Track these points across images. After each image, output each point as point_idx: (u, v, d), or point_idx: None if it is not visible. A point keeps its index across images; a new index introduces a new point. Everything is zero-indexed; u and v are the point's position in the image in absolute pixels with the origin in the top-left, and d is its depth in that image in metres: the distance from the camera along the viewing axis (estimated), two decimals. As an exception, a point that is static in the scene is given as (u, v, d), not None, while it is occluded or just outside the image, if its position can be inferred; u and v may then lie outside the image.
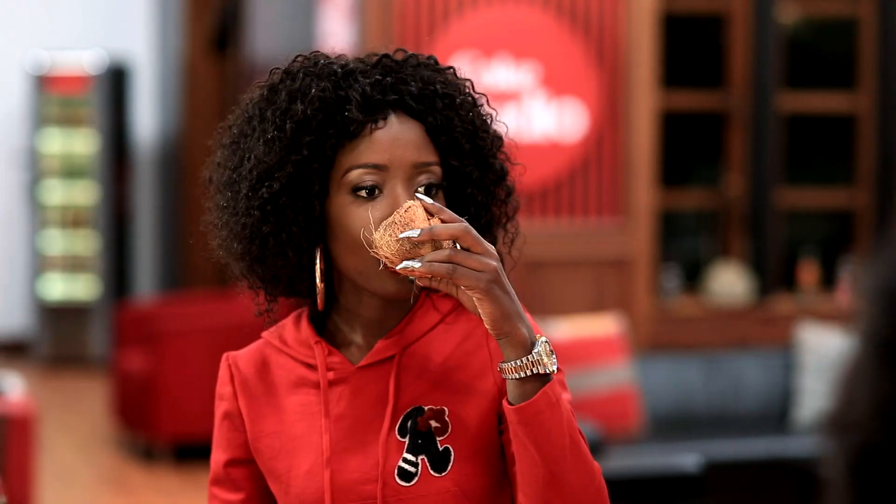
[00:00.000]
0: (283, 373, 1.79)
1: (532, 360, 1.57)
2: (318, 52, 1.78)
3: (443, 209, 1.60)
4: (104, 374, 9.38)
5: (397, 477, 1.70)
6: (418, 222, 1.58)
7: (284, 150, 1.69)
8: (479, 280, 1.55)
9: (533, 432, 1.58)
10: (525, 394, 1.59)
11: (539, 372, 1.57)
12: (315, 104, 1.69)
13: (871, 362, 0.72)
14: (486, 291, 1.55)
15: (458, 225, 1.57)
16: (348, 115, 1.68)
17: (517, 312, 1.58)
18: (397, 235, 1.58)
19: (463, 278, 1.55)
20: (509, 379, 1.59)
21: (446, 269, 1.55)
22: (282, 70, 1.75)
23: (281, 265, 1.73)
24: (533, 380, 1.58)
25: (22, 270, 10.62)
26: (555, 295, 6.10)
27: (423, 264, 1.56)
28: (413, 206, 1.59)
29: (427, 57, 1.79)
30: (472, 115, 1.75)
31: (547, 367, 1.58)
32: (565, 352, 5.31)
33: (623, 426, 5.45)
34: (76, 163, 10.33)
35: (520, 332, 1.57)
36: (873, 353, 0.72)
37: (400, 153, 1.69)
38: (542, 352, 1.58)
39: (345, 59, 1.77)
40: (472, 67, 5.97)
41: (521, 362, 1.57)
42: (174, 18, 10.21)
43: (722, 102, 6.79)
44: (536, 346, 1.58)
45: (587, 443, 1.66)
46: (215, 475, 1.81)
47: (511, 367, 1.58)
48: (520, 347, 1.58)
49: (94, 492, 6.81)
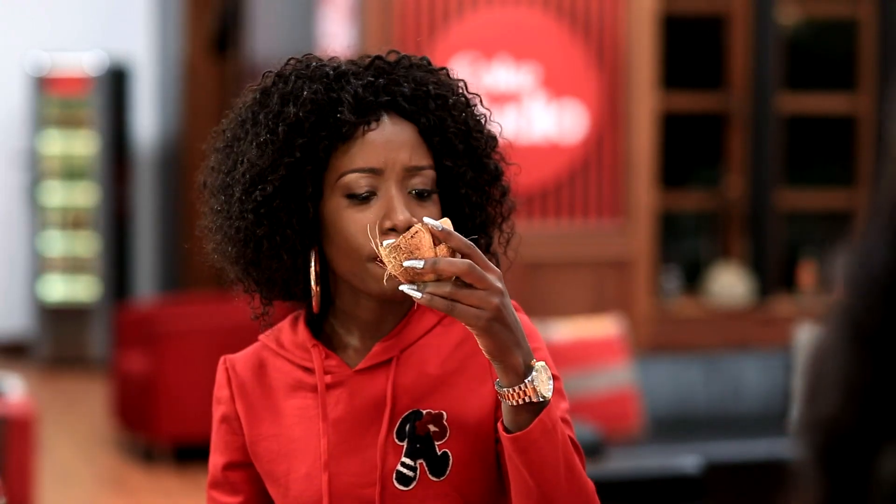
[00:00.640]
0: (281, 376, 1.79)
1: (525, 389, 1.56)
2: (311, 54, 1.78)
3: (450, 234, 1.55)
4: (104, 375, 9.38)
5: (395, 481, 1.70)
6: (424, 250, 1.55)
7: (277, 153, 1.68)
8: (479, 319, 1.53)
9: (527, 460, 1.58)
10: (519, 420, 1.58)
11: (533, 400, 1.56)
12: (307, 106, 1.69)
13: (843, 347, 0.71)
14: (485, 329, 1.54)
15: (463, 263, 1.53)
16: (340, 117, 1.68)
17: (515, 342, 1.56)
18: (401, 262, 1.55)
19: (462, 316, 1.53)
20: (504, 402, 1.59)
21: (445, 306, 1.53)
22: (274, 73, 1.75)
23: (276, 268, 1.72)
24: (528, 406, 1.57)
25: (22, 271, 10.62)
26: (555, 296, 6.10)
27: (424, 296, 1.54)
28: (420, 232, 1.55)
29: (420, 58, 1.78)
30: (465, 115, 1.74)
31: (541, 395, 1.56)
32: (565, 353, 5.30)
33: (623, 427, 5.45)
34: (76, 164, 10.33)
35: (515, 361, 1.56)
36: (847, 337, 0.71)
37: (393, 156, 1.69)
38: (536, 379, 1.56)
39: (337, 61, 1.77)
40: (472, 69, 5.97)
41: (515, 390, 1.56)
42: (174, 20, 10.21)
43: (722, 103, 6.79)
44: (531, 373, 1.56)
45: (583, 456, 1.66)
46: (213, 478, 1.81)
47: (506, 392, 1.57)
48: (513, 375, 1.56)
49: (94, 493, 6.81)
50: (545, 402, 1.57)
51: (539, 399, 1.56)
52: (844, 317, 0.72)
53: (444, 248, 1.55)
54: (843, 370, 0.71)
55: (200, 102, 9.87)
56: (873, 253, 0.72)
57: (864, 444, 0.70)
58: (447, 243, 1.55)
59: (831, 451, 0.72)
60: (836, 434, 0.72)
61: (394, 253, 1.55)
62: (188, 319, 7.12)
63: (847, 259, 0.74)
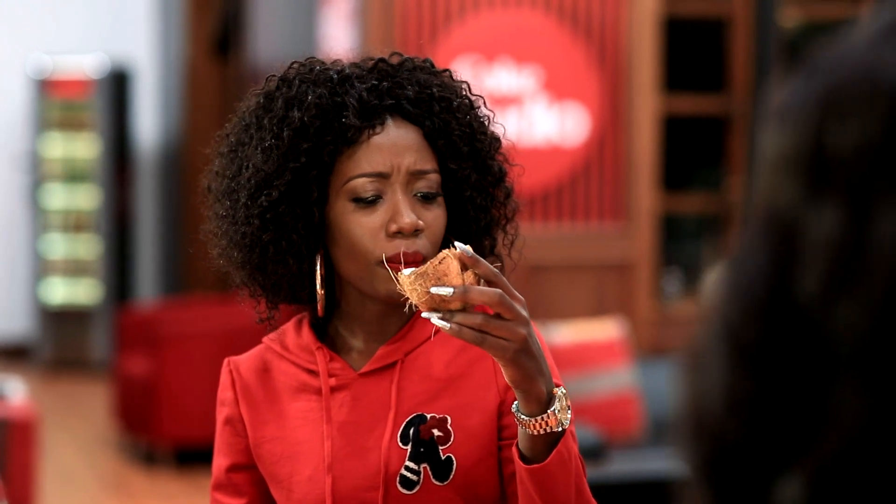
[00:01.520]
0: (285, 378, 1.79)
1: (547, 420, 1.56)
2: (314, 58, 1.78)
3: (478, 261, 1.53)
4: (106, 377, 9.38)
5: (399, 484, 1.70)
6: (452, 277, 1.52)
7: (282, 158, 1.68)
8: (507, 350, 1.53)
9: (541, 489, 1.58)
10: (536, 448, 1.58)
11: (554, 430, 1.57)
12: (312, 111, 1.69)
13: (723, 359, 0.70)
14: (512, 360, 1.53)
15: (494, 292, 1.51)
16: (345, 122, 1.68)
17: (539, 370, 1.55)
18: (428, 287, 1.52)
19: (492, 348, 1.53)
20: (521, 428, 1.58)
21: (475, 338, 1.52)
22: (278, 77, 1.75)
23: (282, 273, 1.72)
24: (547, 434, 1.57)
25: (23, 274, 10.62)
26: (556, 299, 6.10)
27: (453, 326, 1.52)
28: (448, 258, 1.53)
29: (423, 60, 1.78)
30: (469, 117, 1.74)
31: (562, 425, 1.57)
32: (566, 356, 5.30)
33: (624, 430, 5.45)
34: (78, 167, 10.33)
35: (538, 390, 1.55)
36: (726, 350, 0.70)
37: (399, 160, 1.69)
38: (558, 409, 1.56)
39: (341, 64, 1.77)
40: (474, 71, 5.97)
41: (537, 420, 1.56)
42: (176, 22, 10.21)
43: (723, 106, 6.79)
44: (553, 402, 1.56)
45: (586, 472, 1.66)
46: (217, 480, 1.81)
47: (527, 421, 1.57)
48: (535, 405, 1.56)
49: (96, 495, 6.81)
50: (563, 432, 1.58)
51: (559, 429, 1.57)
52: (722, 327, 0.70)
53: (471, 274, 1.53)
54: (724, 382, 0.69)
55: (202, 105, 9.87)
56: (749, 260, 0.70)
57: (753, 462, 0.69)
58: (475, 270, 1.53)
59: (717, 465, 0.70)
60: (721, 447, 0.70)
61: (420, 279, 1.52)
62: (189, 322, 7.13)
63: (728, 267, 0.72)
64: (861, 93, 0.67)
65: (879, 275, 0.65)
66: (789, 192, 0.69)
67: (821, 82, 0.69)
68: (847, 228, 0.66)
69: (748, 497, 0.69)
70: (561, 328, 5.52)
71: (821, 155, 0.68)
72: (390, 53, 1.79)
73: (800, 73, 0.71)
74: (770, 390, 0.68)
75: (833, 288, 0.66)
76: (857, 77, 0.67)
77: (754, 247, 0.70)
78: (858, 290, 0.65)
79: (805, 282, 0.67)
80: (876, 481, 0.65)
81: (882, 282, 0.65)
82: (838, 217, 0.66)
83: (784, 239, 0.69)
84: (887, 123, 0.66)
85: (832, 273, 0.66)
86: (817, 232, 0.67)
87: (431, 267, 1.53)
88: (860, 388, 0.65)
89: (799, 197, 0.68)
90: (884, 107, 0.66)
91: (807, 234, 0.68)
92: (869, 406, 0.65)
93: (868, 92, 0.67)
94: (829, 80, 0.69)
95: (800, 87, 0.70)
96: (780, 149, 0.70)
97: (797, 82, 0.71)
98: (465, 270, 1.53)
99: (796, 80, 0.71)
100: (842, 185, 0.67)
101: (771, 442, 0.68)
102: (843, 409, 0.66)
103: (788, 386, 0.68)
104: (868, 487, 0.66)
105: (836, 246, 0.66)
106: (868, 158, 0.66)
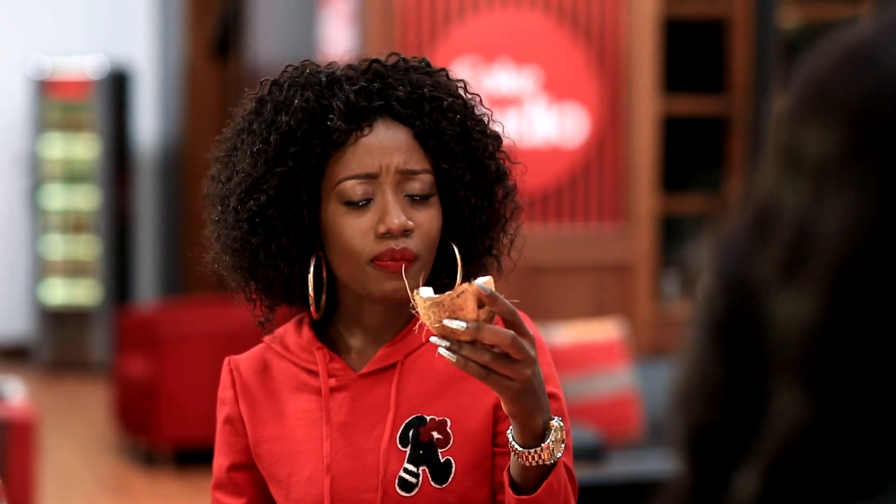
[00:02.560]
0: (285, 378, 1.79)
1: (540, 453, 1.56)
2: (309, 61, 1.78)
3: (496, 300, 1.51)
4: (105, 379, 9.37)
5: (397, 487, 1.70)
6: (467, 312, 1.51)
7: (270, 163, 1.69)
8: (509, 389, 1.53)
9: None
10: (527, 476, 1.58)
11: (546, 463, 1.57)
12: (298, 115, 1.69)
13: (704, 345, 0.71)
14: (512, 399, 1.54)
15: (507, 335, 1.50)
16: (330, 125, 1.68)
17: (539, 407, 1.55)
18: (442, 318, 1.51)
19: (495, 385, 1.53)
20: (514, 456, 1.58)
21: (479, 373, 1.52)
22: (270, 81, 1.76)
23: (273, 276, 1.73)
24: (538, 466, 1.58)
25: (23, 275, 10.62)
26: (555, 300, 6.10)
27: (459, 359, 1.52)
28: (467, 293, 1.51)
29: (419, 60, 1.78)
30: (461, 116, 1.73)
31: (554, 458, 1.57)
32: (566, 357, 5.30)
33: (624, 431, 5.45)
34: (77, 168, 10.33)
35: (535, 424, 1.56)
36: (707, 335, 0.71)
37: (388, 160, 1.68)
38: (552, 441, 1.56)
39: (334, 67, 1.76)
40: (474, 72, 5.98)
41: (530, 453, 1.56)
42: (175, 24, 10.21)
43: (723, 107, 6.79)
44: (548, 434, 1.56)
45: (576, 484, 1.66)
46: (218, 480, 1.81)
47: (521, 452, 1.57)
48: (530, 437, 1.57)
49: (95, 497, 6.81)
50: (555, 463, 1.58)
51: (551, 462, 1.57)
52: (706, 315, 0.72)
53: (486, 310, 1.52)
54: (705, 370, 0.71)
55: (201, 106, 9.87)
56: (732, 243, 0.72)
57: (726, 446, 0.70)
58: (492, 307, 1.51)
59: (700, 445, 0.71)
60: (703, 429, 0.71)
61: (434, 308, 1.52)
62: (189, 323, 7.13)
63: (712, 255, 0.74)
64: (819, 106, 0.71)
65: (823, 265, 0.66)
66: (773, 175, 0.72)
67: (795, 90, 0.73)
68: (808, 211, 0.69)
69: (723, 480, 0.70)
70: (561, 329, 5.52)
71: (796, 151, 0.71)
72: (388, 54, 1.79)
73: (790, 80, 0.75)
74: (733, 374, 0.70)
75: (783, 272, 0.68)
76: (817, 90, 0.71)
77: (739, 230, 0.73)
78: (804, 279, 0.67)
79: (764, 261, 0.69)
80: (822, 479, 0.66)
81: (825, 274, 0.66)
82: (806, 197, 0.69)
83: (763, 219, 0.71)
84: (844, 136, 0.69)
85: (785, 255, 0.68)
86: (788, 211, 0.70)
87: (448, 299, 1.52)
88: (800, 386, 0.66)
89: (778, 178, 0.71)
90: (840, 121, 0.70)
91: (781, 215, 0.70)
92: (809, 405, 0.66)
93: (824, 106, 0.70)
94: (799, 88, 0.72)
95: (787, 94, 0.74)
96: (783, 144, 0.73)
97: (788, 88, 0.74)
98: (481, 307, 1.51)
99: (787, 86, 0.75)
100: (810, 169, 0.70)
101: (748, 426, 0.69)
102: (784, 406, 0.67)
103: (744, 373, 0.69)
104: (814, 485, 0.66)
105: (795, 227, 0.69)
106: (829, 159, 0.69)
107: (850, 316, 0.66)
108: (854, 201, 0.67)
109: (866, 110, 0.68)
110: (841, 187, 0.67)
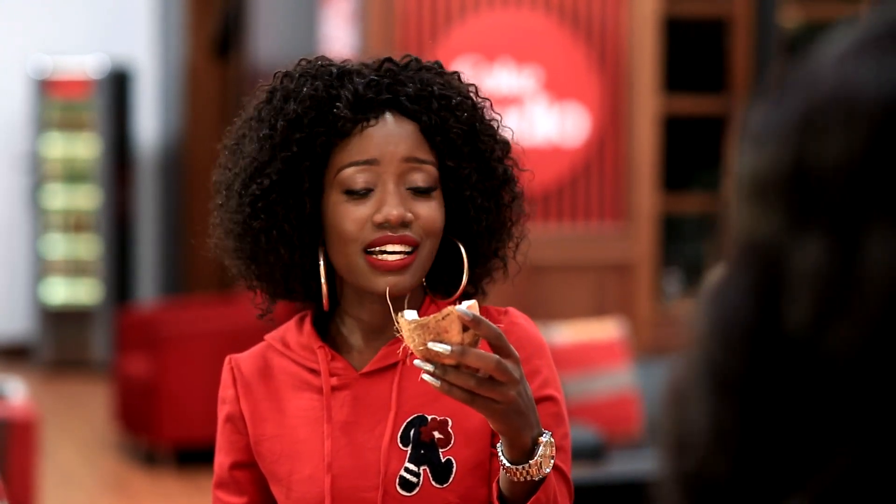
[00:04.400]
0: (286, 376, 1.78)
1: (529, 469, 1.56)
2: (323, 56, 1.79)
3: (480, 323, 1.50)
4: (106, 378, 9.37)
5: (398, 486, 1.70)
6: (452, 335, 1.49)
7: (275, 148, 1.69)
8: (495, 411, 1.53)
9: None
10: (516, 490, 1.58)
11: (535, 479, 1.57)
12: (306, 102, 1.69)
13: (707, 394, 0.68)
14: (500, 419, 1.54)
15: (492, 359, 1.49)
16: (337, 113, 1.68)
17: (527, 424, 1.55)
18: (426, 340, 1.50)
19: (480, 407, 1.53)
20: (503, 471, 1.58)
21: (465, 398, 1.52)
22: (283, 72, 1.76)
23: (273, 262, 1.73)
24: (526, 482, 1.58)
25: (24, 275, 10.62)
26: (556, 299, 6.10)
27: (443, 384, 1.51)
28: (452, 315, 1.50)
29: (433, 62, 1.79)
30: (468, 116, 1.74)
31: (542, 472, 1.57)
32: (566, 356, 5.31)
33: (624, 431, 5.45)
34: (78, 167, 10.33)
35: (523, 442, 1.55)
36: (710, 386, 0.68)
37: (391, 148, 1.69)
38: (541, 456, 1.56)
39: (347, 61, 1.77)
40: (474, 72, 5.97)
41: (519, 469, 1.56)
42: (176, 23, 10.21)
43: (723, 107, 6.79)
44: (537, 450, 1.56)
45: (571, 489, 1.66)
46: (219, 478, 1.81)
47: (510, 468, 1.57)
48: (519, 453, 1.56)
49: (96, 496, 6.81)
50: (543, 479, 1.58)
51: (540, 477, 1.57)
52: (705, 362, 0.68)
53: (471, 333, 1.50)
54: (710, 417, 0.68)
55: (202, 106, 9.87)
56: (730, 293, 0.68)
57: (742, 497, 0.67)
58: (476, 331, 1.50)
59: (700, 496, 0.68)
60: (706, 484, 0.68)
61: (419, 331, 1.50)
62: (190, 323, 7.13)
63: (706, 302, 0.69)
64: (839, 111, 0.65)
65: (874, 301, 0.63)
66: (770, 220, 0.67)
67: (797, 101, 0.67)
68: (834, 256, 0.64)
69: None
70: (561, 328, 5.52)
71: (801, 178, 0.66)
72: (403, 56, 1.79)
73: (773, 94, 0.69)
74: (760, 423, 0.66)
75: (825, 315, 0.65)
76: (834, 95, 0.66)
77: (735, 279, 0.68)
78: (853, 314, 0.64)
79: (794, 312, 0.65)
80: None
81: (877, 306, 0.63)
82: (825, 245, 0.64)
83: (767, 270, 0.67)
84: (867, 142, 0.64)
85: (822, 302, 0.65)
86: (803, 262, 0.65)
87: (434, 321, 1.50)
88: (861, 405, 0.64)
89: (781, 226, 0.66)
90: (863, 125, 0.64)
91: (792, 264, 0.66)
92: (873, 422, 0.64)
93: (846, 110, 0.65)
94: (805, 98, 0.67)
95: (775, 108, 0.69)
96: (758, 173, 0.68)
97: (772, 103, 0.69)
98: (466, 330, 1.50)
99: (771, 101, 0.69)
100: (825, 211, 0.65)
101: (762, 475, 0.67)
102: (847, 430, 0.64)
103: (779, 417, 0.66)
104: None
105: (824, 275, 0.64)
106: (850, 180, 0.64)
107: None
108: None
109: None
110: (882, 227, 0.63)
